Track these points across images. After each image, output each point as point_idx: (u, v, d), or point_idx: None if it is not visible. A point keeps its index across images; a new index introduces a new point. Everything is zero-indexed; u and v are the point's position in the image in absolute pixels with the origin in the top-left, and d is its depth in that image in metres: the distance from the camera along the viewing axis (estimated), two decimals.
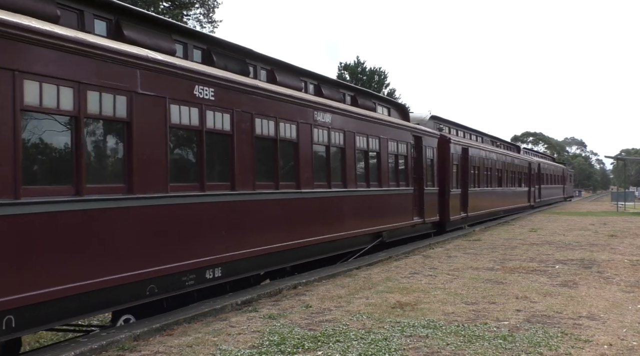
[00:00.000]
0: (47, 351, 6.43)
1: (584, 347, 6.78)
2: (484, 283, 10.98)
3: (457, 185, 22.71)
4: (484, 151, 27.34)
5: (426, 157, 19.49)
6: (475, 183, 25.25)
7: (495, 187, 29.31)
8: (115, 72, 7.57)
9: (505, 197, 31.68)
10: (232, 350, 6.59)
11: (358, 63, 61.29)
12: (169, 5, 36.67)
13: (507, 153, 34.31)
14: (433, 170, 20.29)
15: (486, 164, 27.49)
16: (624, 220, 30.99)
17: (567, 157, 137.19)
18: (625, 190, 54.49)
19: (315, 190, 12.57)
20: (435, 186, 20.45)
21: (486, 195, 27.27)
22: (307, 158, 12.28)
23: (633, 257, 15.03)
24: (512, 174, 33.67)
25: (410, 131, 18.43)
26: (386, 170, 16.34)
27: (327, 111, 13.15)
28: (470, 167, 24.38)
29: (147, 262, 7.90)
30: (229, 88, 9.84)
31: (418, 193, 18.75)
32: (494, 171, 28.93)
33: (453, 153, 21.99)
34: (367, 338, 7.08)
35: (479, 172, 26.01)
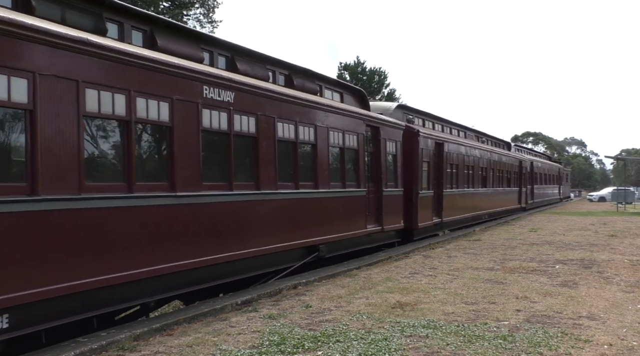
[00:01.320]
0: (47, 351, 6.42)
1: (584, 347, 6.78)
2: (484, 283, 10.98)
3: (429, 186, 19.69)
4: (464, 147, 24.09)
5: (386, 152, 16.44)
6: (452, 183, 22.17)
7: (479, 187, 26.29)
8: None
9: (491, 198, 28.48)
10: (232, 350, 6.59)
11: (358, 63, 61.37)
12: (169, 5, 36.67)
13: (494, 150, 30.61)
14: (396, 167, 17.22)
15: (467, 162, 24.30)
16: (624, 220, 30.99)
17: (567, 157, 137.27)
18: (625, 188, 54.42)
19: (201, 194, 9.14)
20: (399, 187, 17.33)
21: (467, 197, 24.28)
22: (191, 150, 8.99)
23: (633, 257, 15.03)
24: (499, 173, 30.49)
25: (363, 120, 15.04)
26: (325, 167, 13.06)
27: (228, 87, 9.88)
28: (445, 164, 21.21)
29: None
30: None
31: (375, 195, 15.66)
32: (477, 170, 25.85)
33: (423, 149, 18.90)
34: (367, 338, 7.08)
35: (457, 171, 22.83)
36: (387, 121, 16.71)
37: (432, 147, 20.05)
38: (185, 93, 8.96)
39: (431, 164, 19.88)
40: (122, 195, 7.78)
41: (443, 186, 20.80)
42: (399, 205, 17.24)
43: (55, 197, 6.83)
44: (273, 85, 11.91)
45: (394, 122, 17.32)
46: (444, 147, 21.16)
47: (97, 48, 7.39)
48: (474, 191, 25.52)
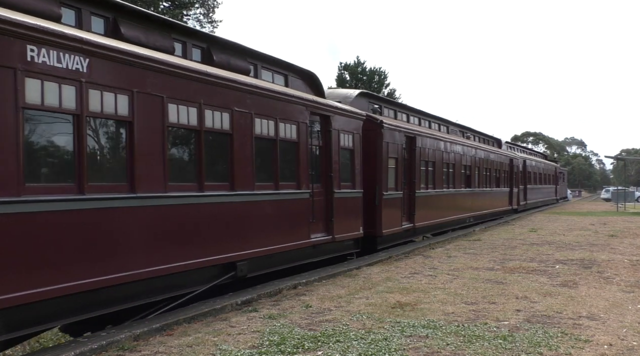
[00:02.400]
0: (47, 351, 6.43)
1: (584, 347, 6.78)
2: (484, 283, 10.98)
3: (398, 186, 16.90)
4: (443, 142, 21.14)
5: (340, 146, 13.62)
6: (427, 183, 19.47)
7: (461, 187, 23.51)
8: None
9: (476, 200, 25.75)
10: (232, 350, 6.60)
11: (358, 63, 61.33)
12: (169, 5, 36.67)
13: (480, 146, 27.48)
14: (354, 165, 14.42)
15: (447, 159, 21.52)
16: (624, 220, 30.99)
17: (567, 157, 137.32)
18: (625, 189, 54.43)
19: (26, 200, 6.49)
20: (358, 187, 14.56)
21: (446, 199, 21.43)
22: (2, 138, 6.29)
23: (633, 257, 15.03)
24: (487, 172, 27.70)
25: (306, 106, 12.11)
26: (247, 163, 10.24)
27: (80, 51, 7.16)
28: (418, 161, 18.45)
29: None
30: None
31: (323, 198, 13.00)
32: (459, 168, 23.03)
33: (389, 143, 16.22)
34: (367, 338, 7.08)
35: (434, 169, 20.04)
36: (340, 109, 13.73)
37: (402, 142, 17.25)
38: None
39: (400, 161, 17.05)
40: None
41: (416, 186, 18.13)
42: (357, 209, 14.42)
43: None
44: (173, 58, 9.01)
45: (351, 111, 14.30)
46: (417, 142, 18.33)
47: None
48: (456, 192, 22.72)
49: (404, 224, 17.39)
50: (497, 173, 29.77)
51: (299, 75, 13.47)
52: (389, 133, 16.26)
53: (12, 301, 6.31)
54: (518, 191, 35.13)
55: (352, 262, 13.86)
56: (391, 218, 16.31)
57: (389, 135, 16.25)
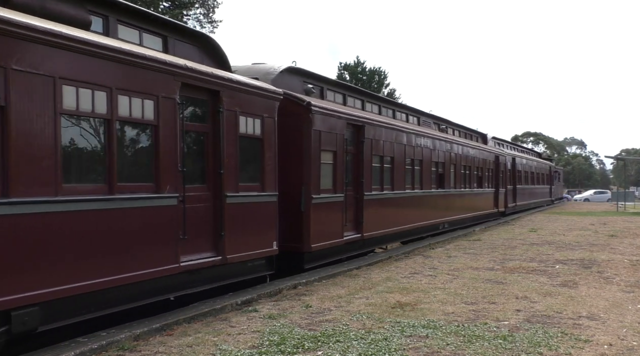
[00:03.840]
0: (47, 351, 6.42)
1: (584, 347, 6.79)
2: (484, 283, 10.98)
3: (338, 188, 13.27)
4: (405, 134, 17.58)
5: (238, 133, 10.05)
6: (382, 183, 15.93)
7: (431, 188, 20.00)
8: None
9: (452, 202, 22.36)
10: (232, 350, 6.60)
11: (358, 63, 61.36)
12: (169, 5, 36.69)
13: (456, 140, 23.82)
14: (263, 159, 10.79)
15: (410, 154, 18.00)
16: (623, 220, 31.01)
17: (567, 157, 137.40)
18: (625, 189, 54.48)
19: None
20: (270, 189, 10.89)
21: (409, 202, 17.84)
22: None
23: (633, 256, 15.04)
24: (466, 170, 24.24)
25: (173, 75, 8.64)
26: (44, 155, 6.70)
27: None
28: (369, 156, 15.03)
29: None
30: None
31: (211, 204, 9.49)
32: (428, 165, 19.58)
33: (323, 132, 12.59)
34: (367, 338, 7.08)
35: (392, 166, 16.58)
36: (238, 84, 10.03)
37: (344, 131, 13.62)
38: None
39: (341, 155, 13.42)
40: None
41: (365, 187, 14.62)
42: (268, 217, 10.84)
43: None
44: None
45: (257, 87, 10.53)
46: (366, 132, 14.76)
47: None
48: (424, 193, 19.11)
49: (347, 235, 13.66)
50: (479, 171, 26.34)
51: (190, 40, 10.09)
52: (322, 119, 12.55)
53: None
54: (506, 192, 31.63)
55: (352, 262, 13.80)
56: (326, 228, 12.60)
57: (322, 122, 12.56)
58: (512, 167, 33.88)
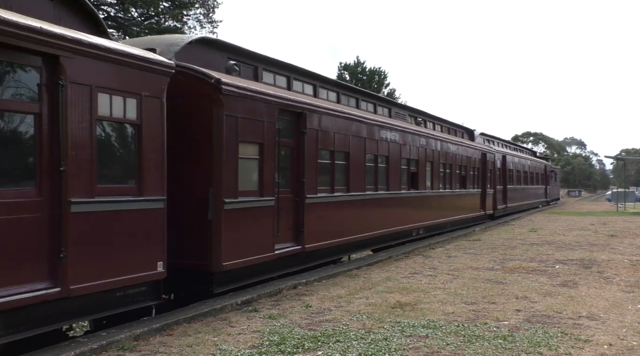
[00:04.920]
0: (47, 351, 6.42)
1: (584, 347, 6.79)
2: (484, 283, 10.98)
3: (265, 189, 10.58)
4: (364, 125, 14.79)
5: (92, 115, 7.39)
6: (332, 183, 13.22)
7: (401, 189, 17.25)
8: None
9: (428, 205, 19.59)
10: (232, 350, 6.60)
11: (358, 63, 61.34)
12: (169, 5, 36.67)
13: (433, 134, 20.79)
14: (141, 152, 8.07)
15: (372, 149, 15.26)
16: (623, 220, 31.01)
17: (567, 157, 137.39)
18: (625, 189, 54.49)
19: None
20: (153, 192, 8.20)
21: (370, 206, 15.06)
22: None
23: (633, 257, 15.04)
24: (446, 169, 21.62)
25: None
26: None
27: None
28: (314, 151, 12.27)
29: None
30: None
31: (44, 214, 6.81)
32: (396, 163, 16.84)
33: (241, 119, 9.85)
34: (367, 338, 7.08)
35: (349, 164, 13.94)
36: (91, 46, 7.34)
37: (275, 119, 10.79)
38: None
39: (269, 149, 10.68)
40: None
41: (307, 188, 11.87)
42: (149, 229, 8.10)
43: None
44: None
45: (128, 54, 7.82)
46: (308, 120, 11.97)
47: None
48: (392, 195, 16.48)
49: (280, 247, 11.01)
50: (462, 170, 23.64)
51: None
52: (241, 102, 9.86)
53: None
54: (495, 193, 28.93)
55: (352, 262, 13.74)
56: (247, 241, 9.98)
57: (241, 106, 9.89)
58: (502, 165, 31.54)
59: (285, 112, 11.35)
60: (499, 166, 30.51)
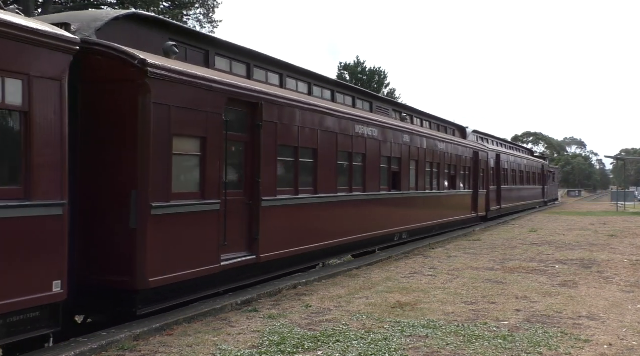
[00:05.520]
0: (47, 351, 6.42)
1: (584, 347, 6.79)
2: (484, 283, 10.99)
3: (209, 191, 9.05)
4: (338, 118, 13.18)
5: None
6: (296, 184, 11.67)
7: (380, 190, 15.65)
8: None
9: (412, 207, 18.01)
10: (232, 350, 6.60)
11: (358, 63, 61.37)
12: (169, 5, 36.68)
13: (418, 131, 19.15)
14: (30, 148, 6.44)
15: (346, 146, 13.65)
16: (623, 220, 31.03)
17: (567, 157, 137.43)
18: (625, 189, 54.53)
19: None
20: (46, 198, 6.57)
21: (343, 209, 13.49)
22: None
23: (633, 257, 15.04)
24: (433, 168, 20.10)
25: None
26: None
27: None
28: (272, 148, 10.67)
29: None
30: None
31: None
32: (374, 161, 15.31)
33: (174, 109, 8.33)
34: (367, 338, 7.08)
35: (316, 162, 12.34)
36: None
37: (222, 110, 9.27)
38: None
39: (215, 144, 9.11)
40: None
41: (262, 189, 10.28)
42: (42, 242, 6.56)
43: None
44: None
45: (6, 24, 6.14)
46: (265, 112, 10.37)
47: None
48: (368, 197, 14.87)
49: (228, 258, 9.50)
50: (451, 169, 22.31)
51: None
52: (175, 89, 8.33)
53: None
54: (488, 193, 27.51)
55: (352, 262, 13.73)
56: (182, 252, 8.46)
57: (177, 94, 8.36)
58: (496, 164, 30.15)
59: (237, 102, 9.82)
60: (492, 165, 29.35)
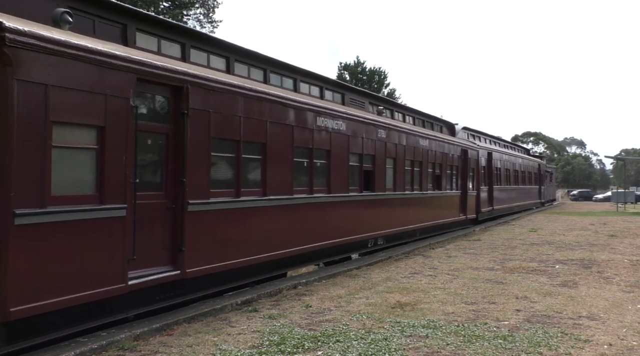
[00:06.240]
0: (47, 351, 6.42)
1: (584, 347, 6.79)
2: (484, 283, 10.99)
3: (109, 193, 7.39)
4: (293, 109, 11.47)
5: None
6: (238, 184, 9.98)
7: (348, 191, 13.84)
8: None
9: (389, 210, 16.35)
10: (232, 350, 6.60)
11: (358, 63, 61.37)
12: (169, 5, 36.69)
13: (396, 126, 17.13)
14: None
15: (304, 140, 11.96)
16: (623, 220, 31.03)
17: (567, 157, 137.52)
18: (625, 190, 54.55)
19: None
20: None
21: (300, 213, 11.80)
22: None
23: (633, 256, 15.04)
24: (415, 166, 18.41)
25: None
26: None
27: None
28: (204, 141, 9.06)
29: None
30: None
31: None
32: (340, 158, 13.45)
33: (52, 89, 6.59)
34: (367, 338, 7.08)
35: (265, 158, 10.67)
36: None
37: (129, 93, 7.66)
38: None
39: (118, 135, 7.55)
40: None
41: (188, 190, 8.61)
42: None
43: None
44: None
45: None
46: (194, 99, 8.69)
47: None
48: (335, 199, 13.12)
49: (138, 275, 7.85)
50: (436, 168, 20.59)
51: None
52: (57, 66, 6.72)
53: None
54: (478, 194, 25.83)
55: (353, 262, 13.74)
56: (68, 270, 6.83)
57: (59, 71, 6.73)
58: (487, 163, 28.35)
59: (151, 85, 8.09)
60: (483, 164, 27.49)
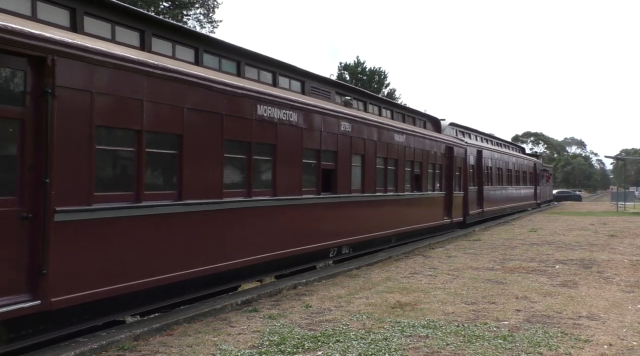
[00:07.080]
0: (47, 351, 6.42)
1: (584, 347, 6.79)
2: (484, 283, 10.98)
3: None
4: (223, 95, 9.34)
5: None
6: (139, 186, 7.82)
7: (301, 194, 11.86)
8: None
9: (353, 216, 14.14)
10: (232, 350, 6.60)
11: (358, 63, 61.37)
12: (169, 5, 36.69)
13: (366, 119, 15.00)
14: None
15: (243, 133, 10.01)
16: (623, 220, 31.02)
17: (567, 157, 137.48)
18: (625, 189, 54.54)
19: None
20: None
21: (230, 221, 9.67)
22: None
23: (633, 257, 15.04)
24: (388, 165, 16.38)
25: None
26: None
27: None
28: (79, 130, 6.87)
29: None
30: None
31: None
32: (292, 155, 11.50)
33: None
34: (367, 338, 7.08)
35: (181, 153, 8.59)
36: None
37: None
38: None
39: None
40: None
41: (54, 195, 6.52)
42: None
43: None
44: None
45: None
46: (62, 74, 6.56)
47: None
48: (279, 203, 11.07)
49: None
50: (416, 167, 18.56)
51: None
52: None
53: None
54: (466, 195, 23.86)
55: (353, 262, 13.78)
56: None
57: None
58: (477, 162, 26.38)
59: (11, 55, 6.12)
60: (472, 163, 25.46)
